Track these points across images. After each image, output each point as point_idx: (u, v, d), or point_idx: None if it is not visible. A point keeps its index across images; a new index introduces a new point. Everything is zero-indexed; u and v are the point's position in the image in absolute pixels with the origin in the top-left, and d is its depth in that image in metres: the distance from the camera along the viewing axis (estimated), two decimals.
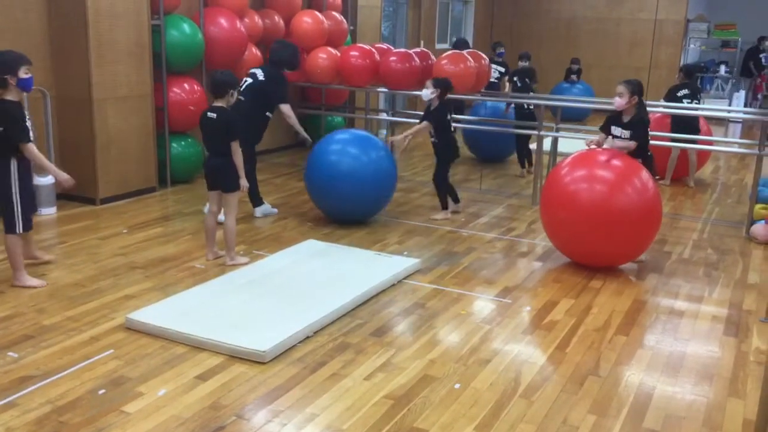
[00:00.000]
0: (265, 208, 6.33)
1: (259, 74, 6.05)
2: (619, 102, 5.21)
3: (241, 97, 5.83)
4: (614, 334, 4.13)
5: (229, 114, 4.94)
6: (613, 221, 4.85)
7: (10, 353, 3.63)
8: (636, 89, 5.18)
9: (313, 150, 6.07)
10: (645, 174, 5.00)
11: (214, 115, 4.91)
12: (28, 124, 4.44)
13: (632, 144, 5.14)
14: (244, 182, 5.01)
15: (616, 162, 5.01)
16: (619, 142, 5.20)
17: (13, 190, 4.41)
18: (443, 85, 6.25)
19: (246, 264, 5.01)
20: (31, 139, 4.42)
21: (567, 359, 3.80)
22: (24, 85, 4.39)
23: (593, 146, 5.33)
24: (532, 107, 7.77)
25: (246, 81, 6.05)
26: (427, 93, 6.25)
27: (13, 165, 4.39)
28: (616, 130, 5.29)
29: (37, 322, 4.02)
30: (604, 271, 5.16)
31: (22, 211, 4.45)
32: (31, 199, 4.63)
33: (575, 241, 5.13)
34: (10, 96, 4.35)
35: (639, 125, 5.20)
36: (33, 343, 3.75)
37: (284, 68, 6.16)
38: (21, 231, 4.48)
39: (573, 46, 14.43)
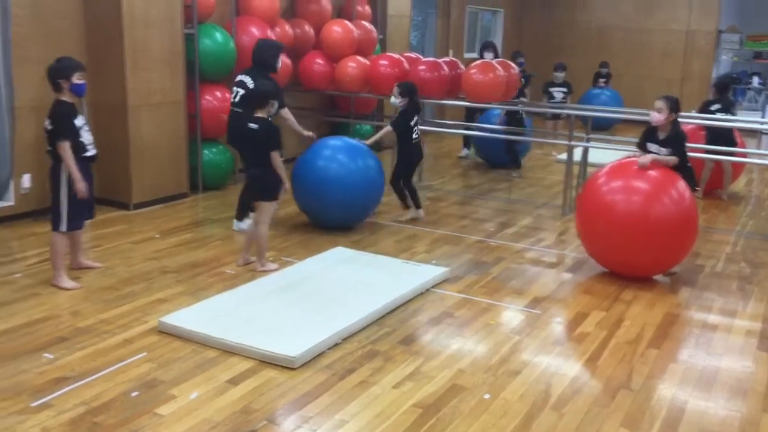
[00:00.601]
0: (246, 224, 5.90)
1: (248, 82, 5.83)
2: (657, 117, 5.16)
3: (239, 109, 5.79)
4: (646, 347, 4.08)
5: (270, 124, 4.99)
6: (650, 231, 4.83)
7: (46, 354, 3.70)
8: (675, 106, 5.16)
9: (298, 160, 6.09)
10: (682, 184, 4.98)
11: (256, 126, 4.94)
12: (86, 129, 4.57)
13: (673, 160, 5.10)
14: (287, 185, 5.06)
15: (652, 172, 4.99)
16: (659, 159, 5.14)
17: (62, 189, 4.51)
18: (410, 91, 6.44)
19: (275, 270, 5.04)
20: (87, 145, 4.55)
21: (598, 372, 3.77)
22: (76, 90, 4.54)
23: (643, 164, 5.04)
24: (523, 114, 8.43)
25: (237, 92, 5.88)
26: (395, 101, 6.43)
27: (62, 164, 4.48)
28: (652, 147, 5.25)
29: (72, 324, 4.09)
30: (636, 283, 5.12)
31: (68, 211, 4.53)
32: (83, 203, 4.63)
33: (612, 250, 5.12)
34: (64, 98, 4.51)
35: (676, 141, 5.17)
36: (68, 345, 3.82)
37: (268, 70, 5.93)
38: (65, 230, 4.57)
39: (603, 56, 14.32)
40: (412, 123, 6.50)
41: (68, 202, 4.53)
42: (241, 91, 5.87)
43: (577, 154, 7.34)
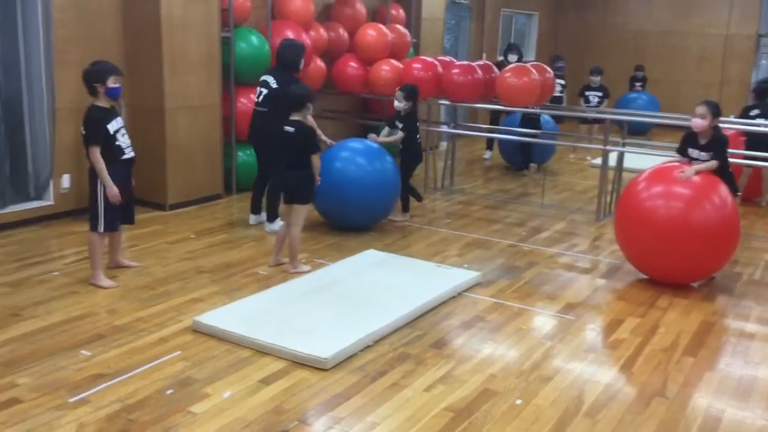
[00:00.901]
0: (278, 225, 5.97)
1: (272, 82, 5.92)
2: (700, 123, 5.08)
3: (262, 109, 5.91)
4: (682, 355, 4.02)
5: (306, 128, 5.03)
6: (691, 237, 4.78)
7: (83, 351, 3.77)
8: (717, 111, 5.10)
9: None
10: (724, 189, 4.91)
11: (293, 129, 4.98)
12: (122, 133, 4.64)
13: (714, 164, 5.02)
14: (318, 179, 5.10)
15: (695, 177, 4.94)
16: (701, 167, 5.05)
17: (99, 191, 4.59)
18: (413, 94, 6.51)
19: (308, 272, 5.08)
20: (124, 148, 4.64)
21: (633, 379, 3.72)
22: (111, 94, 4.60)
23: (687, 176, 4.95)
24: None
25: (261, 91, 5.97)
26: (401, 105, 6.45)
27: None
28: (693, 153, 5.18)
29: (108, 322, 4.16)
30: (671, 290, 5.04)
31: (105, 211, 4.62)
32: (121, 207, 4.70)
33: (651, 256, 5.07)
34: (100, 103, 4.58)
35: (718, 145, 5.10)
36: (104, 343, 3.89)
37: (290, 69, 6.00)
38: (102, 230, 4.66)
39: (639, 59, 14.16)
40: (418, 124, 6.63)
41: (104, 203, 4.61)
42: (265, 91, 5.95)
43: (612, 158, 7.26)
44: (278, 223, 6.10)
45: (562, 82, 10.68)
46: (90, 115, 4.56)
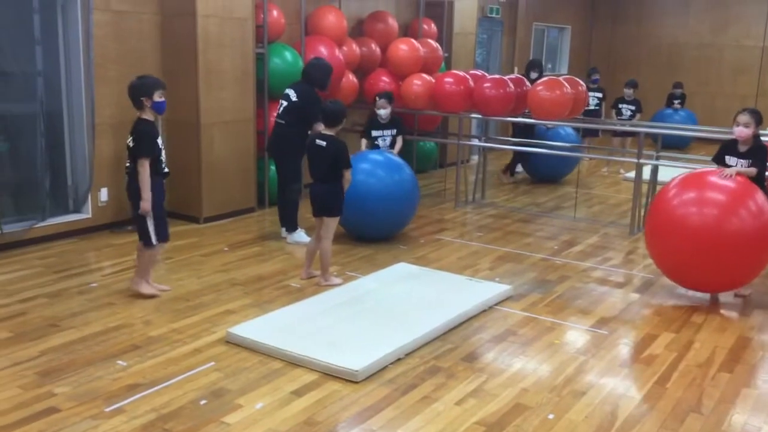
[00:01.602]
0: (299, 235, 6.22)
1: (292, 95, 6.06)
2: (745, 132, 5.02)
3: (281, 121, 6.06)
4: (717, 371, 3.96)
5: (339, 142, 5.08)
6: (725, 246, 4.70)
7: (119, 361, 3.84)
8: (760, 119, 5.06)
9: None
10: (760, 196, 4.82)
11: (324, 143, 5.05)
12: (163, 148, 4.74)
13: (753, 170, 4.97)
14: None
15: (728, 183, 4.85)
16: (741, 170, 4.99)
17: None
18: (392, 100, 6.94)
19: (339, 285, 5.11)
20: (163, 163, 4.74)
21: (667, 395, 3.67)
22: (157, 108, 4.69)
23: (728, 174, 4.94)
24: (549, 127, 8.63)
25: (282, 104, 6.11)
26: (387, 111, 6.73)
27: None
28: (731, 160, 5.11)
29: (144, 333, 4.24)
30: (707, 306, 4.97)
31: (155, 225, 4.69)
32: (164, 220, 4.80)
33: (684, 266, 4.98)
34: (146, 116, 4.66)
35: (759, 152, 5.04)
36: (140, 353, 3.96)
37: (315, 86, 6.13)
38: (156, 242, 4.73)
39: (674, 72, 14.02)
40: None
41: (153, 215, 4.68)
42: (285, 103, 6.10)
43: (647, 172, 7.19)
44: (299, 233, 6.22)
45: (599, 95, 10.61)
46: (142, 128, 4.61)
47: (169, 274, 5.29)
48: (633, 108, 10.41)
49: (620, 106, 10.52)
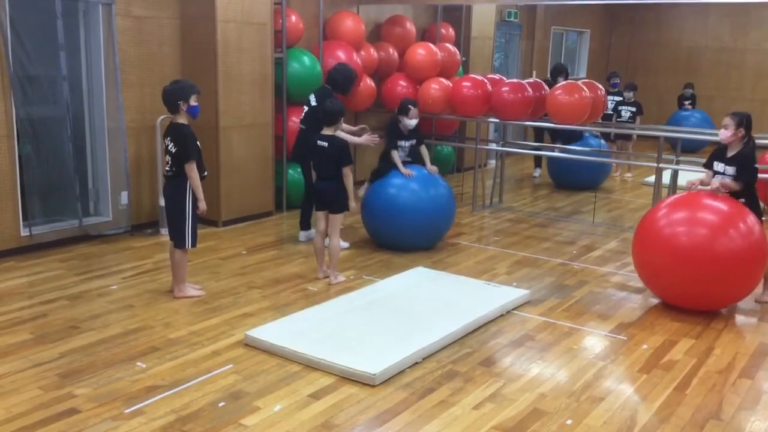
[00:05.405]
0: (311, 232, 6.25)
1: (312, 99, 6.21)
2: (724, 134, 4.90)
3: (303, 126, 6.16)
4: (738, 377, 3.92)
5: (340, 141, 5.23)
6: (712, 267, 4.60)
7: (139, 363, 3.88)
8: (744, 122, 4.85)
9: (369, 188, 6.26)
10: (751, 218, 4.70)
11: (326, 144, 5.20)
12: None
13: (734, 185, 4.80)
14: (352, 204, 5.27)
15: (717, 204, 4.74)
16: (725, 183, 4.86)
17: (187, 208, 4.70)
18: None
19: (342, 282, 5.27)
20: (204, 165, 4.77)
21: (686, 401, 3.64)
22: (192, 112, 4.72)
23: (697, 187, 4.99)
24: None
25: (305, 109, 6.25)
26: (415, 122, 6.34)
27: (188, 183, 4.68)
28: (718, 166, 4.98)
29: (163, 335, 4.27)
30: (727, 312, 4.92)
31: (191, 228, 4.74)
32: (195, 226, 4.84)
33: (671, 285, 4.90)
34: (181, 120, 4.69)
35: (742, 161, 4.84)
36: (159, 355, 3.99)
37: (336, 92, 6.23)
38: (190, 246, 4.78)
39: (694, 76, 13.90)
40: None
41: (191, 220, 4.72)
42: (306, 109, 6.23)
43: (666, 176, 7.14)
44: (304, 233, 6.36)
45: (618, 98, 10.54)
46: (183, 131, 4.64)
47: (188, 277, 5.30)
48: (633, 110, 10.33)
49: (620, 108, 10.45)
